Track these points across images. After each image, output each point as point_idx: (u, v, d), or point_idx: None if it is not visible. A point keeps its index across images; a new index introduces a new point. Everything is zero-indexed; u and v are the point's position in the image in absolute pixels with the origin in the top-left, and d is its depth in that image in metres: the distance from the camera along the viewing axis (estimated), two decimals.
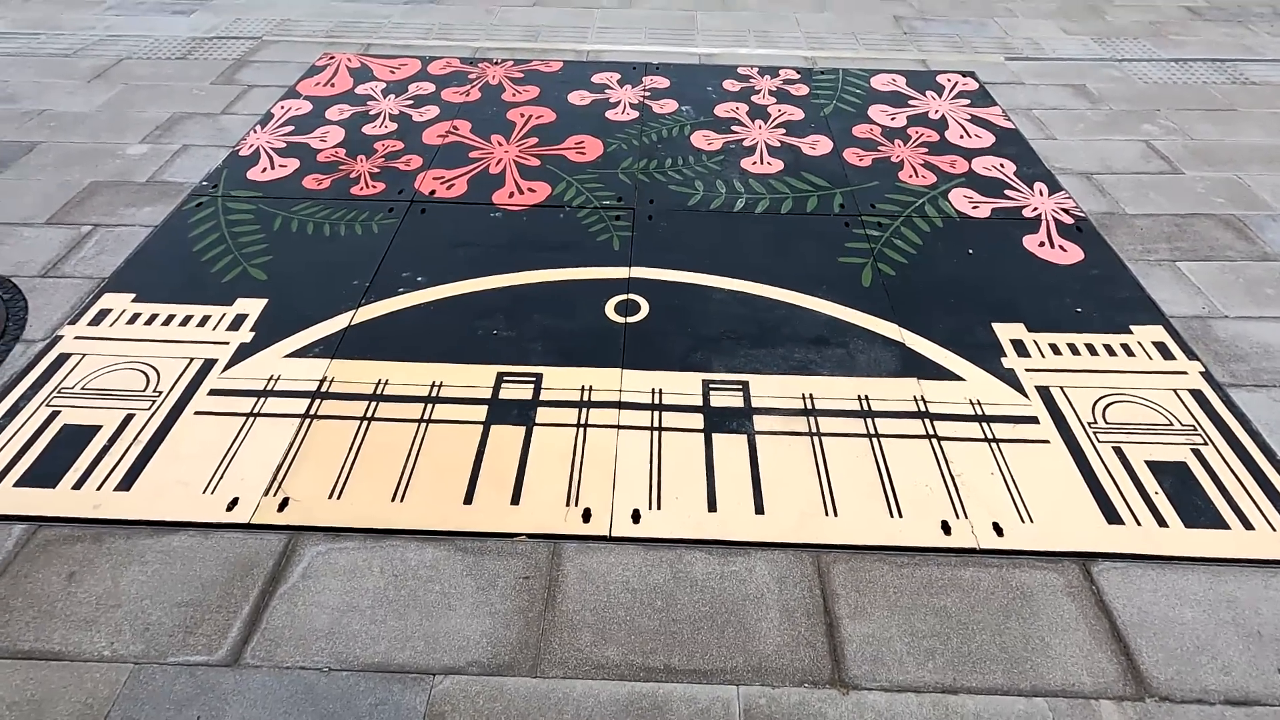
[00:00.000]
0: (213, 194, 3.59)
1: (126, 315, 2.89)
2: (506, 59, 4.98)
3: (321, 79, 4.68)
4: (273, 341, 2.78)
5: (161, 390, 2.58)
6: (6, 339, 2.77)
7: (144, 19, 5.49)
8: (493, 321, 2.89)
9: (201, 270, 3.12)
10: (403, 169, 3.81)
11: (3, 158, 3.83)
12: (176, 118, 4.22)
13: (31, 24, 5.40)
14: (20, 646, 1.89)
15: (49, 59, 4.88)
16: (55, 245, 3.24)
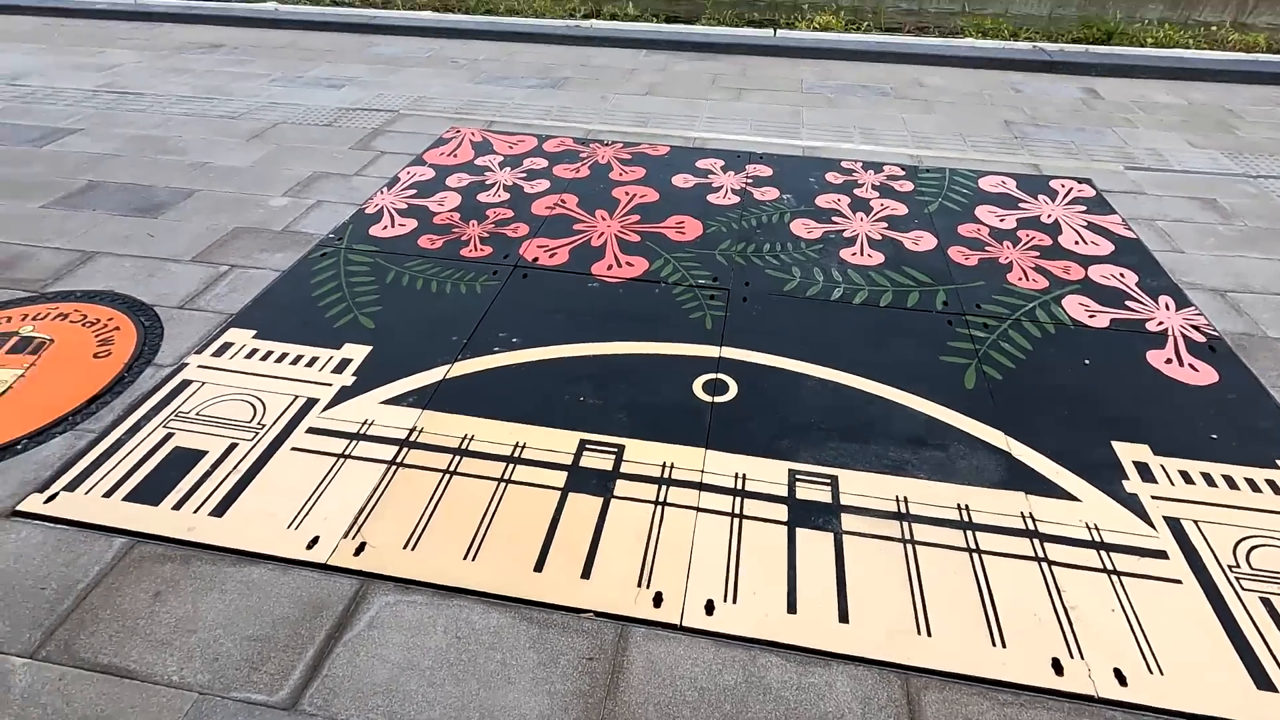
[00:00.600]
0: (337, 245, 3.87)
1: (246, 350, 3.09)
2: (617, 141, 5.24)
3: (446, 149, 5.06)
4: (372, 387, 2.89)
5: (265, 423, 2.71)
6: (140, 362, 3.01)
7: (301, 90, 6.16)
8: (580, 388, 2.91)
9: (317, 314, 3.32)
10: (510, 235, 3.99)
11: (166, 201, 4.30)
12: (315, 176, 4.63)
13: (207, 90, 6.15)
14: (100, 660, 1.94)
15: (217, 119, 5.52)
16: (195, 281, 3.54)
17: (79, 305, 3.35)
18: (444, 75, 6.64)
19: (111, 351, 3.06)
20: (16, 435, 2.64)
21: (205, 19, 8.25)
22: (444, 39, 7.80)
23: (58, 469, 2.50)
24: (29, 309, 3.32)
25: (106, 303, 3.37)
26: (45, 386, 2.86)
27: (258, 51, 7.25)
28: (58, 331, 3.17)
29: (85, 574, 2.16)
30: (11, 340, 3.11)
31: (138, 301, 3.38)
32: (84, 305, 3.35)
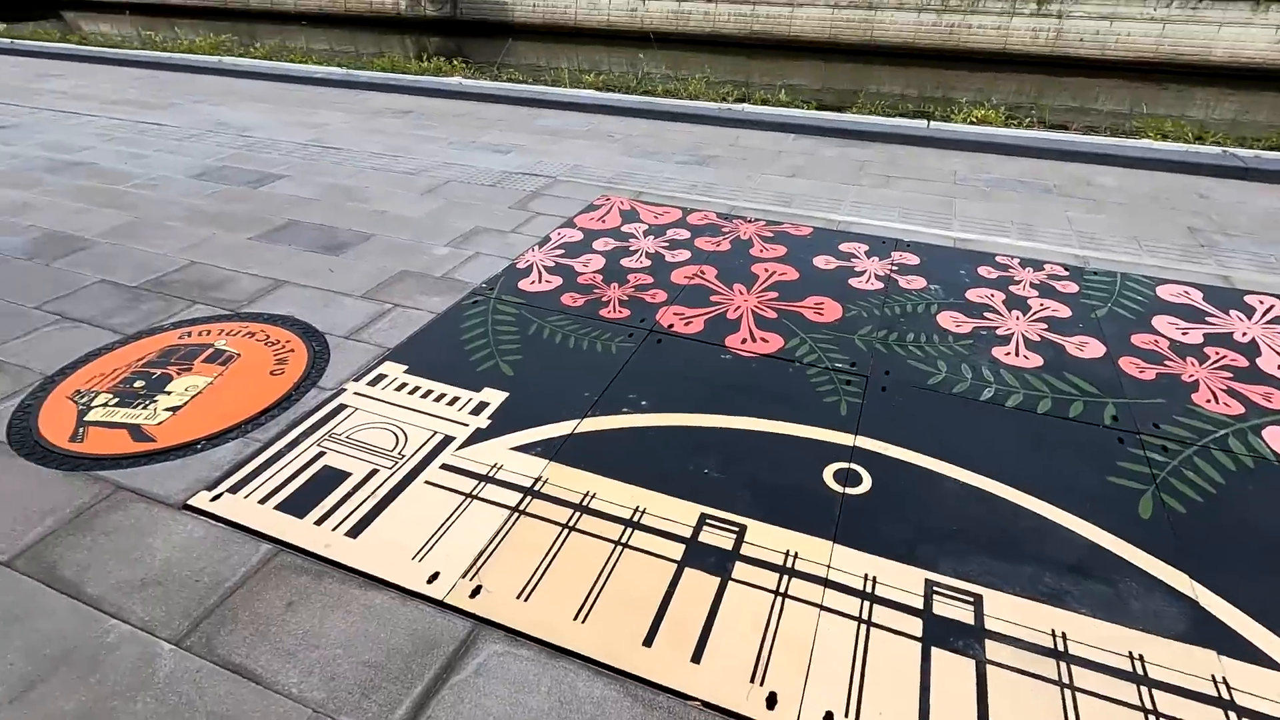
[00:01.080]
0: (488, 295, 4.12)
1: (397, 382, 3.31)
2: (759, 219, 5.29)
3: (596, 215, 5.32)
4: (505, 432, 2.99)
5: (405, 454, 2.86)
6: (307, 383, 3.30)
7: (473, 154, 6.77)
8: (705, 459, 2.85)
9: (463, 357, 3.52)
10: (648, 301, 4.08)
11: (347, 242, 4.79)
12: (476, 230, 5.00)
13: (395, 149, 6.90)
14: (233, 659, 2.05)
15: (399, 175, 6.15)
16: (362, 315, 3.88)
17: (265, 326, 3.75)
18: (600, 147, 7.07)
19: (285, 370, 3.38)
20: (198, 436, 2.94)
21: (401, 89, 9.36)
22: (603, 115, 8.35)
23: (225, 471, 2.75)
24: (226, 325, 3.76)
25: (287, 326, 3.76)
26: (228, 395, 3.19)
27: (441, 118, 8.10)
28: (244, 348, 3.56)
29: (233, 573, 2.32)
30: (207, 351, 3.52)
31: (312, 328, 3.74)
32: (269, 326, 3.75)
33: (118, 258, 4.53)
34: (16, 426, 2.99)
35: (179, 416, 3.05)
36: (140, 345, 3.57)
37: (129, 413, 3.07)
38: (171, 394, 3.19)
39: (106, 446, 2.87)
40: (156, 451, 2.85)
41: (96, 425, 2.99)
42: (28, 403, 3.14)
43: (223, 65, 10.59)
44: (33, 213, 5.24)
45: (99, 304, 3.96)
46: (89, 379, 3.30)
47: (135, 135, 7.27)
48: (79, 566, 2.33)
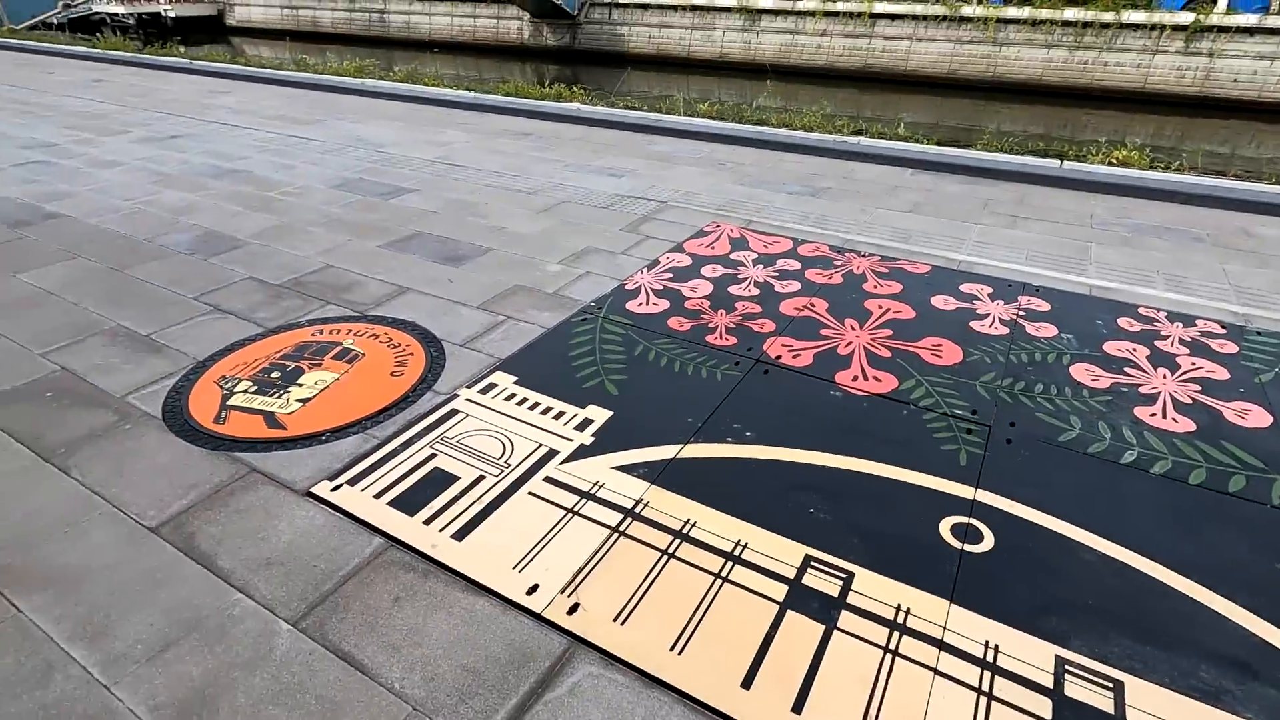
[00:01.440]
0: (596, 314, 4.18)
1: (506, 392, 3.39)
2: (873, 253, 5.13)
3: (705, 241, 5.33)
4: (608, 450, 2.99)
5: (511, 463, 2.91)
6: (423, 386, 3.44)
7: (587, 177, 6.96)
8: (810, 498, 2.74)
9: (570, 373, 3.57)
10: (755, 330, 4.02)
11: (466, 255, 5.01)
12: (587, 250, 5.11)
13: (514, 168, 7.21)
14: (343, 646, 2.13)
15: (517, 193, 6.40)
16: (477, 325, 4.02)
17: (388, 329, 3.96)
18: (711, 175, 7.10)
19: (404, 372, 3.54)
20: (323, 428, 3.12)
21: (521, 112, 9.80)
22: (715, 143, 8.41)
23: (346, 463, 2.90)
24: (353, 325, 4.00)
25: (408, 331, 3.95)
26: (352, 391, 3.38)
27: (558, 141, 8.40)
28: (369, 348, 3.77)
29: (347, 562, 2.42)
30: (336, 349, 3.75)
31: (431, 334, 3.91)
32: (392, 330, 3.96)
33: (264, 257, 4.94)
34: (170, 404, 3.28)
35: (308, 408, 3.25)
36: (279, 339, 3.85)
37: (265, 400, 3.30)
38: (303, 386, 3.41)
39: (244, 430, 3.09)
40: (287, 439, 3.04)
41: (237, 409, 3.23)
42: (181, 384, 3.44)
43: (364, 87, 11.47)
44: (197, 213, 5.81)
45: (246, 298, 4.31)
46: (233, 366, 3.58)
47: (286, 147, 7.96)
48: (213, 540, 2.50)
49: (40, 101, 10.52)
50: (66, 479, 2.80)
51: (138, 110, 9.91)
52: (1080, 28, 20.37)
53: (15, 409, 3.23)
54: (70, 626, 2.18)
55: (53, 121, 9.19)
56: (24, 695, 1.97)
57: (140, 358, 3.65)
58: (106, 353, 3.70)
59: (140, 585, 2.32)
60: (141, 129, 8.79)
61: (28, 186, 6.48)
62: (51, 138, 8.32)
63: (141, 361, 3.62)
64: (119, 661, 2.07)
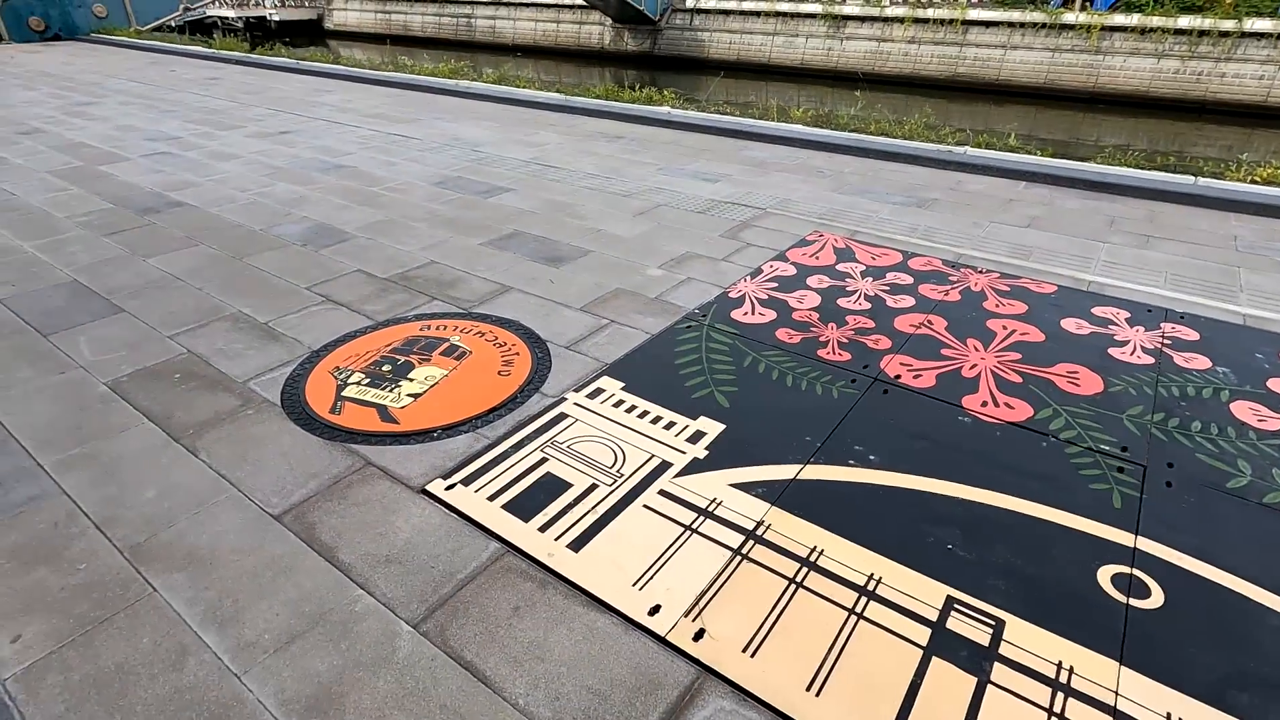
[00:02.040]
0: (700, 321, 4.06)
1: (614, 399, 3.31)
2: (992, 270, 4.82)
3: (808, 250, 5.13)
4: (722, 466, 2.86)
5: (624, 473, 2.82)
6: (530, 388, 3.40)
7: (682, 181, 6.86)
8: (945, 532, 2.53)
9: (678, 381, 3.46)
10: (870, 346, 3.81)
11: (566, 256, 4.98)
12: (687, 255, 5.00)
13: (608, 171, 7.18)
14: (464, 654, 2.07)
15: (612, 195, 6.36)
16: (581, 327, 3.97)
17: (494, 328, 3.95)
18: (809, 182, 6.89)
19: (511, 372, 3.51)
20: (435, 425, 3.11)
21: (612, 115, 9.80)
22: (811, 150, 8.17)
23: (458, 462, 2.87)
24: (460, 322, 4.01)
25: (513, 330, 3.93)
26: (461, 389, 3.36)
27: (649, 145, 8.34)
28: (476, 346, 3.76)
29: (465, 566, 2.37)
30: (444, 345, 3.76)
31: (535, 335, 3.87)
32: (497, 328, 3.94)
33: (371, 251, 5.04)
34: (288, 392, 3.34)
35: (419, 403, 3.25)
36: (388, 332, 3.89)
37: (378, 394, 3.32)
38: (413, 381, 3.42)
39: (358, 422, 3.11)
40: (400, 434, 3.04)
41: (351, 401, 3.26)
42: (297, 372, 3.51)
43: (458, 88, 11.74)
44: (307, 205, 6.01)
45: (355, 290, 4.40)
46: (346, 358, 3.63)
47: (387, 145, 8.18)
48: (334, 532, 2.50)
49: (165, 97, 11.21)
50: (195, 460, 2.87)
51: (250, 107, 10.43)
52: (1195, 36, 18.98)
53: (149, 389, 3.35)
54: (201, 610, 2.20)
55: (176, 116, 9.76)
56: (160, 677, 1.99)
57: (260, 344, 3.75)
58: (229, 338, 3.82)
59: (266, 573, 2.33)
60: (254, 124, 9.23)
61: (155, 176, 6.86)
62: (175, 131, 8.83)
63: (261, 348, 3.72)
64: (248, 650, 2.07)
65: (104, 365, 3.55)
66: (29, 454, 2.90)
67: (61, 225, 5.51)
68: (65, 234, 5.33)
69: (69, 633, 2.13)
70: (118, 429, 3.06)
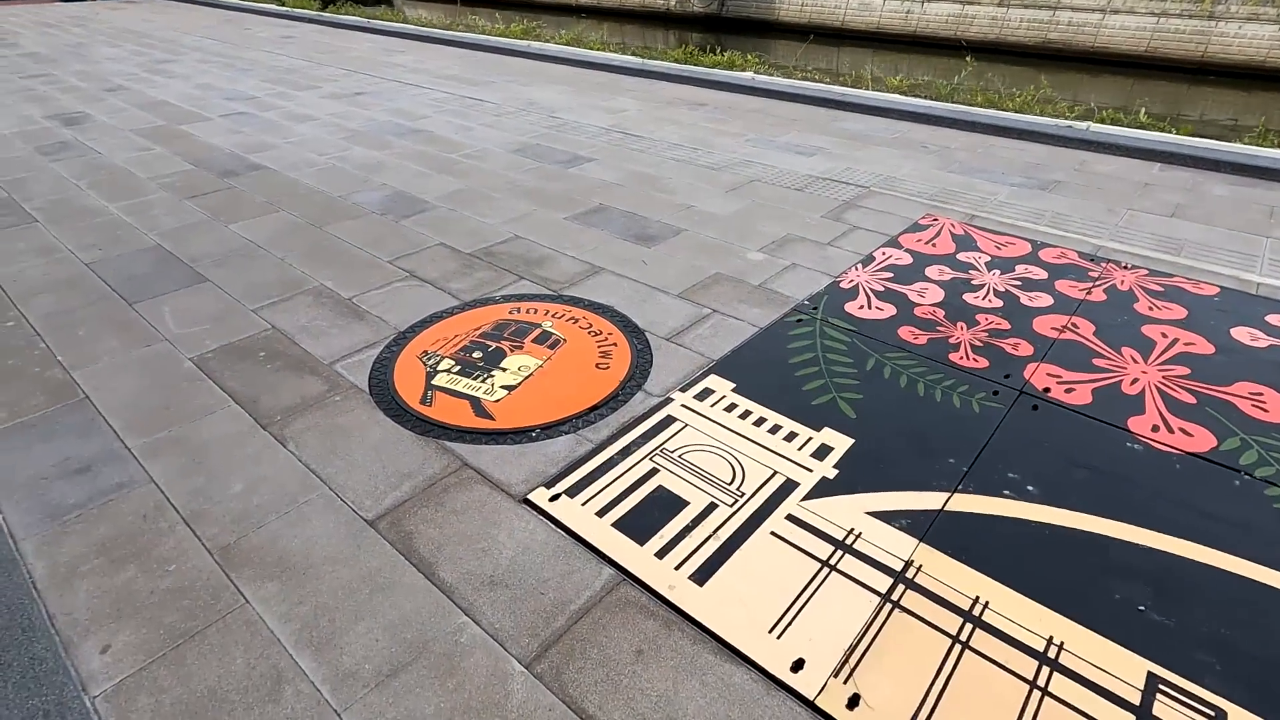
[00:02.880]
0: (812, 314, 3.69)
1: (725, 402, 2.99)
2: (1138, 266, 4.27)
3: (923, 236, 4.66)
4: (855, 489, 2.53)
5: (744, 492, 2.51)
6: (632, 384, 3.11)
7: (773, 154, 6.39)
8: (1133, 589, 2.15)
9: (794, 384, 3.12)
10: (1009, 352, 3.38)
11: (658, 234, 4.64)
12: (789, 238, 4.60)
13: (693, 141, 6.76)
14: (585, 706, 1.82)
15: (700, 168, 5.96)
16: (681, 316, 3.64)
17: (587, 313, 3.67)
18: (912, 158, 6.33)
19: (609, 365, 3.23)
20: (533, 423, 2.85)
21: (692, 80, 9.30)
22: (910, 122, 7.55)
23: (561, 469, 2.61)
24: (550, 306, 3.74)
25: (608, 317, 3.63)
26: (557, 382, 3.10)
27: (734, 113, 7.86)
28: (570, 334, 3.48)
29: (577, 595, 2.12)
30: (535, 331, 3.49)
31: (632, 323, 3.57)
32: (591, 314, 3.66)
33: (453, 223, 4.80)
34: (376, 378, 3.13)
35: (514, 397, 3.00)
36: (476, 314, 3.65)
37: (470, 384, 3.09)
38: (506, 371, 3.17)
39: (451, 416, 2.88)
40: (496, 432, 2.80)
41: (442, 391, 3.04)
42: (384, 355, 3.30)
43: (530, 49, 11.37)
44: (385, 172, 5.81)
45: (440, 266, 4.17)
46: (434, 341, 3.41)
47: (462, 108, 7.93)
48: (433, 545, 2.28)
49: (241, 55, 11.20)
50: (283, 451, 2.69)
51: (324, 66, 10.31)
52: None
53: (235, 368, 3.20)
54: (296, 629, 2.01)
55: (253, 75, 9.71)
56: (256, 709, 1.81)
57: (344, 323, 3.56)
58: (312, 314, 3.64)
59: (363, 589, 2.13)
60: (329, 84, 9.09)
61: (234, 137, 6.77)
62: (252, 90, 8.76)
63: (345, 326, 3.52)
64: (348, 682, 1.87)
65: (189, 339, 3.42)
66: (117, 435, 2.78)
67: (145, 186, 5.45)
68: (149, 195, 5.26)
69: (159, 647, 1.97)
70: (204, 411, 2.91)
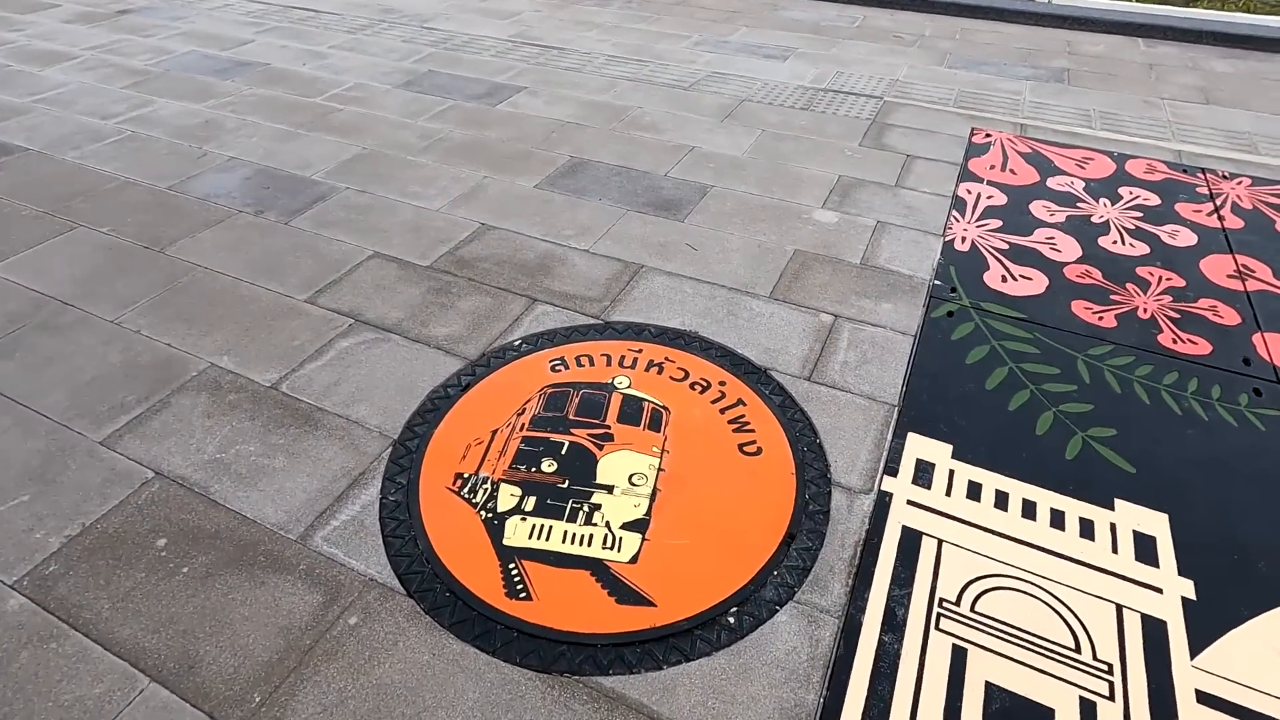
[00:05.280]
0: (957, 301, 2.74)
1: (959, 483, 2.02)
2: (1235, 174, 3.69)
3: (992, 161, 3.79)
4: (1240, 614, 1.70)
5: (1106, 662, 1.60)
6: (812, 477, 2.03)
7: (741, 60, 5.14)
8: None
9: (1016, 426, 2.19)
10: (1214, 320, 2.65)
11: (679, 198, 3.39)
12: (845, 182, 3.54)
13: (630, 50, 5.32)
14: None
15: (666, 89, 4.62)
16: (799, 335, 2.55)
17: (670, 352, 2.46)
18: (897, 52, 5.36)
19: (759, 444, 2.11)
20: (711, 595, 1.72)
21: None
22: (859, 6, 6.52)
23: (821, 691, 1.54)
24: (608, 347, 2.48)
25: (704, 353, 2.46)
26: (701, 496, 1.95)
27: (652, 6, 6.38)
28: (666, 394, 2.28)
29: None
30: (614, 400, 2.25)
31: (744, 360, 2.43)
32: (675, 352, 2.46)
33: (374, 213, 3.24)
34: (403, 553, 1.81)
35: (656, 546, 1.83)
36: (502, 382, 2.32)
37: (570, 532, 1.86)
38: (614, 490, 1.96)
39: (572, 611, 1.68)
40: (666, 631, 1.65)
41: (531, 559, 1.79)
42: (392, 499, 1.95)
43: None
44: (225, 137, 3.94)
45: (395, 297, 2.70)
46: (461, 450, 2.08)
47: (293, 25, 5.79)
48: None
49: None
50: None
51: None
52: None
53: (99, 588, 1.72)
54: None
55: None
56: None
57: (285, 439, 2.11)
58: (215, 428, 2.13)
59: None
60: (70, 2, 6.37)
61: None
62: None
63: (291, 447, 2.08)
64: None
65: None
66: None
67: None
68: None
69: None
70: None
